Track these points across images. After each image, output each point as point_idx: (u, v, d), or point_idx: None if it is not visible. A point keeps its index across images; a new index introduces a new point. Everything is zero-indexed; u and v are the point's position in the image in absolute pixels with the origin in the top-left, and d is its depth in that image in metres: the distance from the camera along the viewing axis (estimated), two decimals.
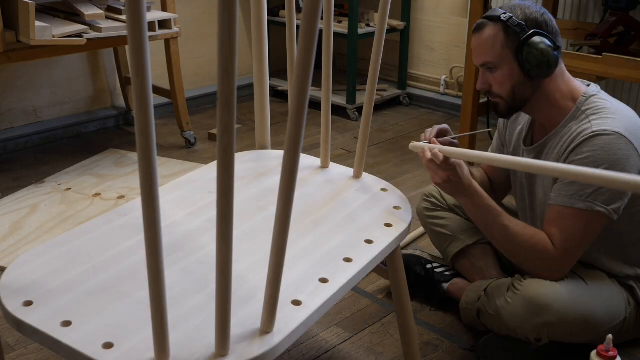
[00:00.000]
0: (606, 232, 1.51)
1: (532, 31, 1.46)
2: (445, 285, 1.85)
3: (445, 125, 1.61)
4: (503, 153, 1.79)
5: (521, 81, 1.50)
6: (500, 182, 1.84)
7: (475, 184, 1.51)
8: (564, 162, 1.47)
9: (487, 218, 1.51)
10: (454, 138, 1.59)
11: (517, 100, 1.53)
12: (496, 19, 1.49)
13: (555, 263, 1.48)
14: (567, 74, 1.54)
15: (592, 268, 1.58)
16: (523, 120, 1.68)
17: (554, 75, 1.50)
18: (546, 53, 1.45)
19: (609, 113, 1.46)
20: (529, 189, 1.67)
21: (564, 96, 1.52)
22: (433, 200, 1.90)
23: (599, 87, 1.55)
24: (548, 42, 1.46)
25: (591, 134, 1.43)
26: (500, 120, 1.77)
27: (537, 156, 1.59)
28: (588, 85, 1.55)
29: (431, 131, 1.59)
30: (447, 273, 1.88)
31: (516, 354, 1.60)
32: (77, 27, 2.45)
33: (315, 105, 3.34)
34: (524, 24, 1.47)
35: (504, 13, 1.48)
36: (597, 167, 1.39)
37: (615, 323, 1.51)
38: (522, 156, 1.64)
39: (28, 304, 1.02)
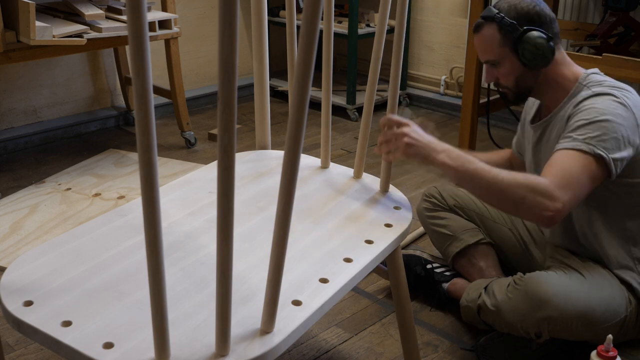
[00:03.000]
0: (607, 204, 1.54)
1: (524, 28, 1.54)
2: (445, 285, 1.85)
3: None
4: (523, 141, 1.82)
5: (523, 72, 1.58)
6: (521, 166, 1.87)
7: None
8: (567, 122, 1.52)
9: (469, 167, 1.40)
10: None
11: (522, 89, 1.62)
12: (490, 19, 1.58)
13: (550, 196, 1.36)
14: (568, 58, 1.62)
15: (594, 264, 1.59)
16: (536, 104, 1.75)
17: (555, 62, 1.58)
18: (540, 46, 1.53)
19: (609, 85, 1.53)
20: (535, 170, 1.69)
21: (566, 78, 1.59)
22: (433, 200, 1.90)
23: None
24: (542, 35, 1.53)
25: (593, 94, 1.51)
26: (524, 111, 1.83)
27: (543, 132, 1.65)
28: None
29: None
30: (447, 273, 1.88)
31: (516, 354, 1.60)
32: (77, 27, 2.45)
33: (315, 105, 3.34)
34: (515, 22, 1.54)
35: (497, 13, 1.56)
36: (599, 114, 1.45)
37: (616, 320, 1.51)
38: (531, 134, 1.71)
39: (28, 304, 1.02)
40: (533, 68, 1.56)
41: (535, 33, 1.53)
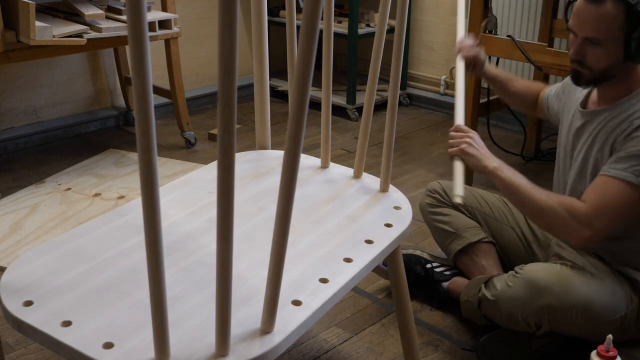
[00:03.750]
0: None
1: None
2: (445, 285, 1.85)
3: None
4: (558, 109, 1.80)
5: (617, 62, 1.50)
6: (521, 97, 1.97)
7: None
8: (627, 137, 1.47)
9: (514, 180, 1.52)
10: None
11: (605, 77, 1.53)
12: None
13: (584, 222, 1.44)
14: None
15: (597, 261, 1.58)
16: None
17: None
18: None
19: None
20: (566, 156, 1.69)
21: (635, 79, 1.53)
22: (437, 196, 1.89)
23: None
24: None
25: None
26: (566, 82, 1.79)
27: (588, 122, 1.60)
28: None
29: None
30: (446, 272, 1.88)
31: (516, 354, 1.60)
32: (77, 27, 2.45)
33: (315, 105, 3.34)
34: None
35: None
36: None
37: (616, 317, 1.51)
38: (575, 117, 1.66)
39: (28, 304, 1.02)
40: (634, 61, 1.49)
41: None
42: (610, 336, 1.36)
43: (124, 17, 2.59)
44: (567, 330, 1.53)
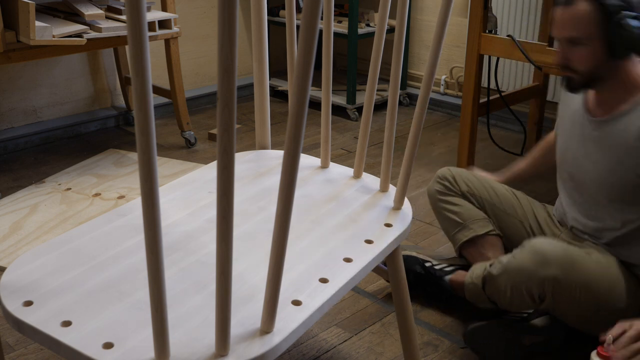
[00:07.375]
0: None
1: (627, 13, 1.44)
2: (448, 278, 1.84)
3: None
4: (563, 120, 1.75)
5: (604, 60, 1.49)
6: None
7: None
8: None
9: None
10: None
11: (594, 78, 1.52)
12: None
13: None
14: None
15: (607, 253, 1.59)
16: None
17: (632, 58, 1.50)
18: (638, 37, 1.44)
19: None
20: (577, 163, 1.65)
21: (637, 77, 1.51)
22: (446, 184, 1.88)
23: None
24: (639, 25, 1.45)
25: None
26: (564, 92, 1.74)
27: (602, 130, 1.57)
28: None
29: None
30: (447, 269, 1.87)
31: (508, 348, 1.60)
32: (77, 27, 2.45)
33: (315, 105, 3.35)
34: (622, 3, 1.44)
35: None
36: None
37: (617, 307, 1.51)
38: (584, 125, 1.62)
39: (28, 304, 1.02)
40: (618, 58, 1.47)
41: (637, 21, 1.44)
42: (610, 336, 1.36)
43: (123, 17, 2.59)
44: (568, 312, 1.52)
